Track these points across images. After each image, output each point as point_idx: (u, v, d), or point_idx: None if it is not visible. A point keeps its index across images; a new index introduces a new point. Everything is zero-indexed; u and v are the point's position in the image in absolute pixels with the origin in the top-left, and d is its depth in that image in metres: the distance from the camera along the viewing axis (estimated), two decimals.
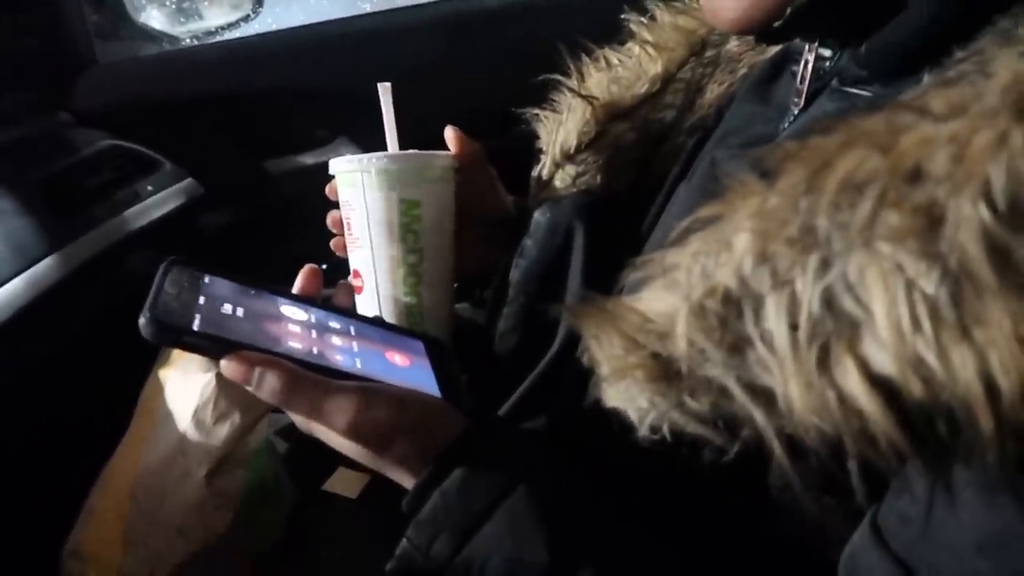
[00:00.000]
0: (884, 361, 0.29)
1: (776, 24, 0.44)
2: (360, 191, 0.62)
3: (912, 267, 0.28)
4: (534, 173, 0.69)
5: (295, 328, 0.51)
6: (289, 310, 0.52)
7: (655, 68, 0.67)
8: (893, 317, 0.29)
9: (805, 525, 0.39)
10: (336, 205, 0.66)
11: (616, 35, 0.69)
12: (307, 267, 0.57)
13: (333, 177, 0.65)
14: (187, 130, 1.14)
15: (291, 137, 1.16)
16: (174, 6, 1.47)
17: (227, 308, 0.49)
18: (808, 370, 0.31)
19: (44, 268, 0.85)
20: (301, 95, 1.14)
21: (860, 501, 0.33)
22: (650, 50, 0.67)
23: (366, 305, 0.65)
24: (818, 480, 0.34)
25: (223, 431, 0.67)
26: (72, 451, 0.75)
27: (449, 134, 0.67)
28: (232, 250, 1.13)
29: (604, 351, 0.38)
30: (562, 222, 0.63)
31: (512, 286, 0.64)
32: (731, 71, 0.65)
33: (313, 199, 1.17)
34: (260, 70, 1.15)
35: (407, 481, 0.46)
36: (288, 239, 1.14)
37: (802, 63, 0.50)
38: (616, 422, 0.39)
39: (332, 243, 0.69)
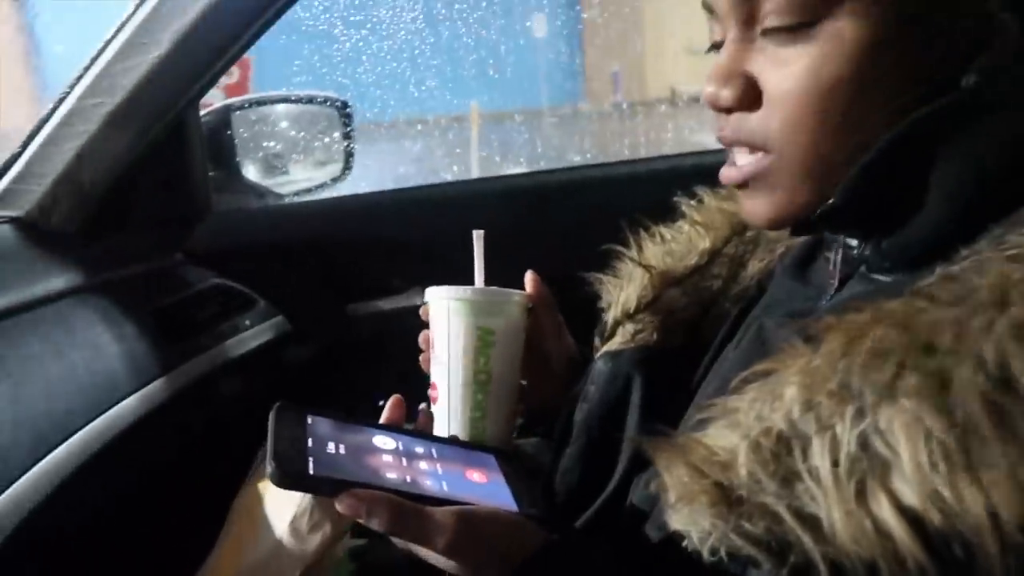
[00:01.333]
0: (910, 494, 0.36)
1: (806, 221, 0.52)
2: (446, 315, 0.74)
3: (929, 419, 0.35)
4: (597, 330, 0.77)
5: (388, 458, 0.58)
6: (380, 440, 0.60)
7: (704, 243, 0.74)
8: (916, 459, 0.35)
9: None
10: (426, 325, 0.77)
11: (669, 215, 0.78)
12: (394, 398, 0.66)
13: (418, 307, 0.78)
14: (281, 273, 1.26)
15: (371, 284, 1.28)
16: (265, 163, 1.66)
17: (331, 447, 0.56)
18: (848, 500, 0.37)
19: (156, 388, 0.95)
20: (382, 249, 1.26)
21: None
22: (699, 228, 0.75)
23: (440, 413, 0.75)
24: None
25: (316, 539, 0.75)
26: (172, 555, 0.82)
27: (528, 277, 0.78)
28: (313, 381, 1.24)
29: (673, 479, 0.44)
30: (622, 372, 0.69)
31: (575, 427, 0.70)
32: (770, 250, 0.72)
33: (386, 339, 1.28)
34: (348, 225, 1.28)
35: None
36: (362, 372, 1.24)
37: (834, 251, 0.56)
38: (678, 545, 0.44)
39: (421, 358, 0.80)
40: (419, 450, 0.61)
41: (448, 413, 0.75)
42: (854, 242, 0.55)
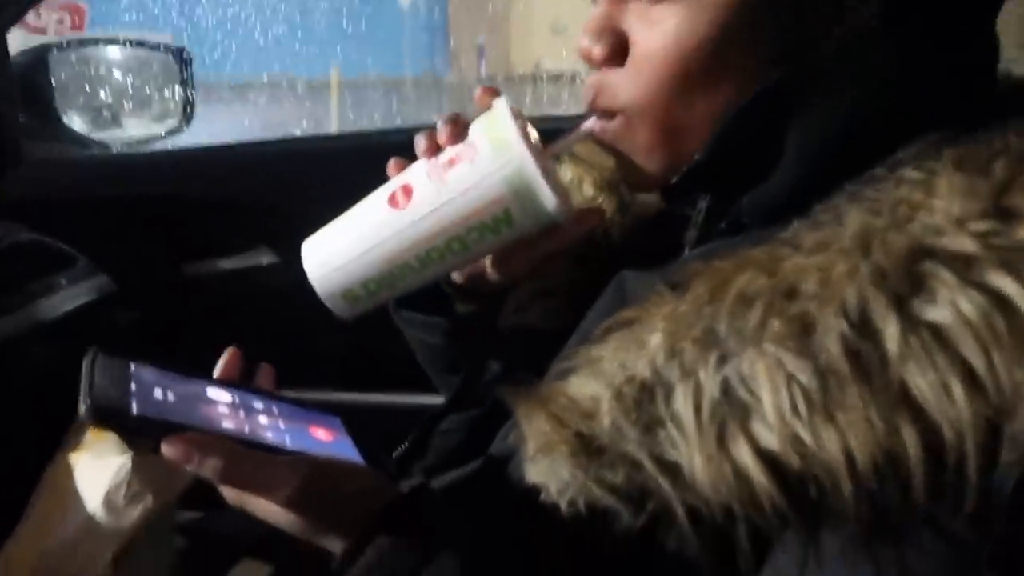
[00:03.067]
0: (769, 438, 0.36)
1: (674, 181, 0.52)
2: (493, 164, 0.54)
3: (791, 363, 0.36)
4: (512, 295, 0.68)
5: (223, 409, 0.53)
6: (215, 392, 0.54)
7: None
8: (777, 403, 0.36)
9: None
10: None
11: None
12: (230, 350, 0.59)
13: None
14: (105, 229, 1.16)
15: (209, 243, 1.21)
16: (95, 113, 1.52)
17: (159, 393, 0.50)
18: (709, 445, 0.37)
19: None
20: (221, 206, 1.19)
21: (746, 566, 0.38)
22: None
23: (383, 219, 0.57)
24: (712, 546, 0.39)
25: (134, 513, 0.69)
26: None
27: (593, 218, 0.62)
28: (141, 348, 1.15)
29: (533, 429, 0.43)
30: (534, 352, 0.63)
31: (474, 393, 0.66)
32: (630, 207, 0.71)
33: (227, 302, 1.21)
34: (183, 180, 1.20)
35: (339, 547, 0.48)
36: (199, 338, 1.16)
37: (696, 210, 0.57)
38: (535, 499, 0.43)
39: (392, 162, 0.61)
40: (258, 405, 0.56)
41: (369, 239, 0.57)
42: (710, 203, 0.56)
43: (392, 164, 0.60)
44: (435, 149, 0.57)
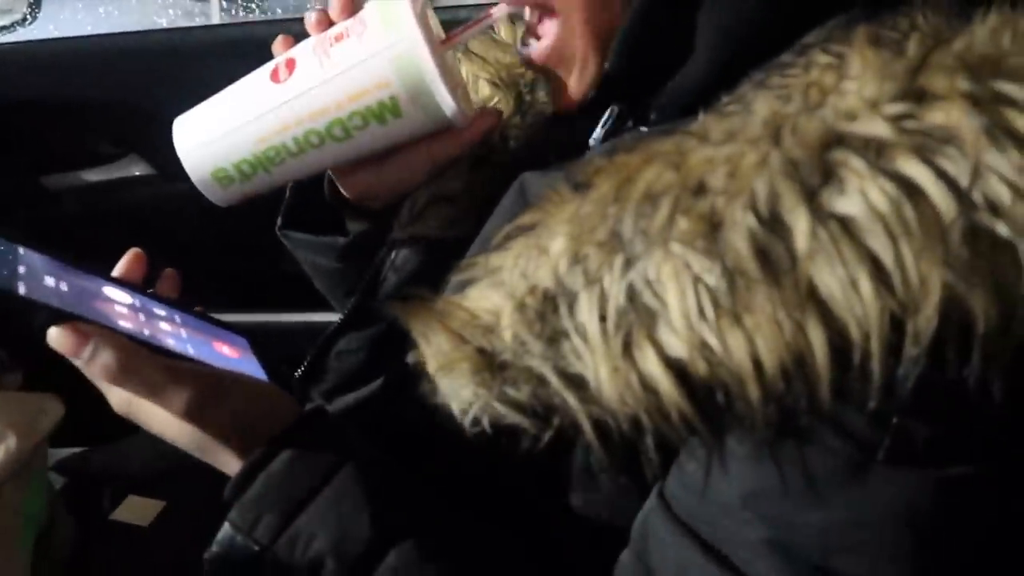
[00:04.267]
0: (676, 345, 0.34)
1: (592, 94, 0.51)
2: (382, 42, 0.51)
3: (698, 264, 0.34)
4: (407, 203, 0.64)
5: (122, 309, 0.49)
6: (113, 291, 0.50)
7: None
8: (683, 308, 0.34)
9: (604, 503, 0.45)
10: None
11: None
12: (133, 250, 0.54)
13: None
14: None
15: (73, 152, 1.11)
16: None
17: (50, 281, 0.46)
18: (615, 356, 0.36)
19: None
20: (84, 108, 1.09)
21: (652, 475, 0.39)
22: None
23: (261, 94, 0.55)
24: (618, 459, 0.38)
25: None
26: None
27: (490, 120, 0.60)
28: None
29: (432, 348, 0.41)
30: (431, 266, 0.61)
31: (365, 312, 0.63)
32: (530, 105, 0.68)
33: (97, 218, 1.12)
34: (39, 78, 1.08)
35: (235, 466, 0.47)
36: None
37: (607, 113, 0.55)
38: (439, 416, 0.41)
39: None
40: (160, 312, 0.52)
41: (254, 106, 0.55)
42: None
43: (279, 41, 0.57)
44: (326, 23, 0.55)
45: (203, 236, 1.05)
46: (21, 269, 0.45)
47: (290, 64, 0.54)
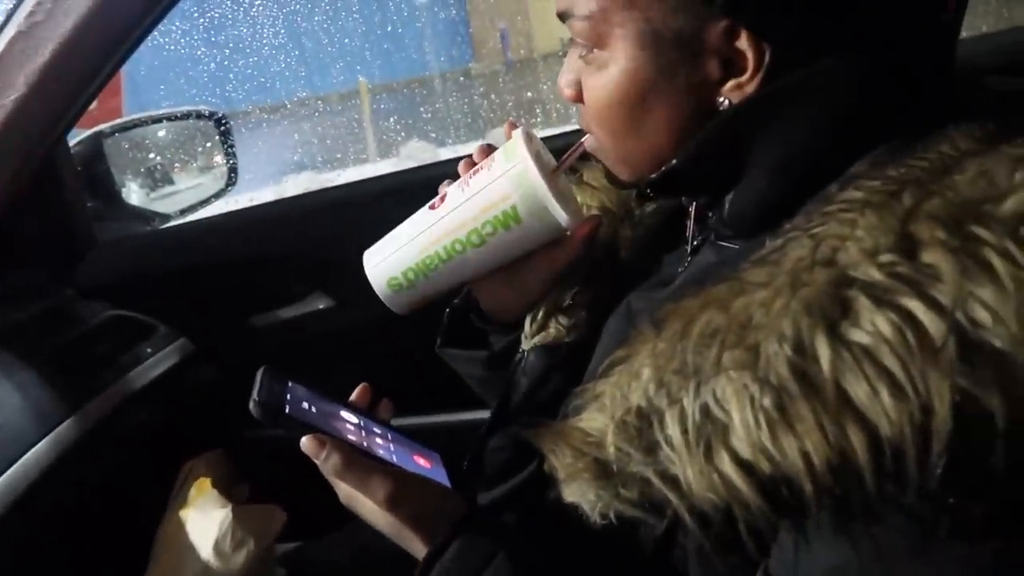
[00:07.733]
0: (744, 449, 0.42)
1: (650, 179, 0.58)
2: (503, 168, 0.66)
3: (752, 387, 0.42)
4: (530, 315, 0.74)
5: (350, 427, 0.66)
6: (346, 414, 0.68)
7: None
8: (744, 420, 0.42)
9: None
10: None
11: None
12: (362, 386, 0.72)
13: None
14: (177, 296, 1.26)
15: (271, 294, 1.29)
16: (147, 175, 1.63)
17: (305, 405, 0.64)
18: (699, 460, 0.43)
19: (63, 431, 0.96)
20: (278, 259, 1.26)
21: (751, 555, 0.45)
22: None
23: (421, 219, 0.70)
24: (721, 542, 0.45)
25: (240, 557, 0.79)
26: None
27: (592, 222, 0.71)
28: (226, 398, 1.25)
29: (559, 461, 0.51)
30: (554, 369, 0.72)
31: (504, 414, 0.74)
32: (633, 223, 0.77)
33: (292, 347, 1.29)
34: (238, 240, 1.27)
35: (419, 549, 0.60)
36: None
37: (690, 220, 0.65)
38: (574, 514, 0.51)
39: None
40: (377, 430, 0.69)
41: (415, 237, 0.70)
42: (704, 208, 0.63)
43: (462, 165, 0.73)
44: (470, 167, 0.70)
45: (371, 353, 1.23)
46: (288, 396, 0.64)
47: (442, 197, 0.69)
